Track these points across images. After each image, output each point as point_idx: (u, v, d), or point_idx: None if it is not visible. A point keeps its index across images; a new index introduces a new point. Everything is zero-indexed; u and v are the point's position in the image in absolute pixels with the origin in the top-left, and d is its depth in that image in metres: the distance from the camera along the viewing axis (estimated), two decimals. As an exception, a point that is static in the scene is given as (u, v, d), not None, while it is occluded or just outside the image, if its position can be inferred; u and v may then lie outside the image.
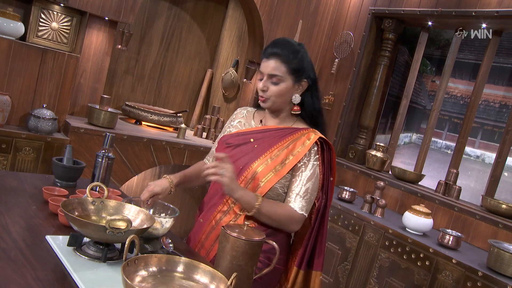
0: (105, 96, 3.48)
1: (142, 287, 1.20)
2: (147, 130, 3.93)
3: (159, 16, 4.41)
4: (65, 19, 3.37)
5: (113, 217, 1.35)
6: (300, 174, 1.75)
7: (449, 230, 3.02)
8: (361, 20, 4.26)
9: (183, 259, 1.33)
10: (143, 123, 4.12)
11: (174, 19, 4.52)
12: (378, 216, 3.35)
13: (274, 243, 1.53)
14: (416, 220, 3.08)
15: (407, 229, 3.14)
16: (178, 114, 4.28)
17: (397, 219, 3.36)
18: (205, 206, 1.88)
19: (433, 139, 4.22)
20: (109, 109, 3.47)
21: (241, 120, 1.96)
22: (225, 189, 1.65)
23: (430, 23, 3.92)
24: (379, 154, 3.92)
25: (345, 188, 3.62)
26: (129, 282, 1.13)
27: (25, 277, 1.26)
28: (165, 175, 1.93)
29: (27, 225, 1.61)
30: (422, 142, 3.95)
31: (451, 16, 3.65)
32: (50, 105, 3.24)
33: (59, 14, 3.34)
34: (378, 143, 3.96)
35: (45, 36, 3.33)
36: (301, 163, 1.75)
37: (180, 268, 1.30)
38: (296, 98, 1.80)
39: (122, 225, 1.39)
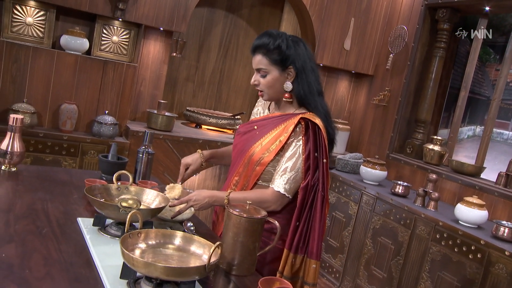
0: (162, 101, 3.73)
1: (143, 257, 1.34)
2: (205, 132, 4.14)
3: (216, 24, 4.63)
4: (124, 32, 3.67)
5: (122, 197, 1.51)
6: (283, 154, 1.83)
7: (504, 222, 2.88)
8: (414, 12, 4.17)
9: (180, 233, 1.45)
10: (203, 126, 4.33)
11: (230, 26, 4.71)
12: (431, 209, 3.26)
13: (275, 221, 1.60)
14: (468, 212, 2.97)
15: (460, 221, 3.04)
16: (236, 117, 4.46)
17: (451, 212, 3.24)
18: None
19: (499, 130, 4.03)
20: (166, 113, 3.71)
21: (259, 108, 2.09)
22: (200, 209, 1.83)
23: (487, 8, 3.75)
24: (436, 148, 3.81)
25: (399, 182, 3.56)
26: (125, 251, 1.27)
27: (49, 248, 1.45)
28: (198, 150, 2.15)
29: (64, 209, 1.82)
30: (483, 133, 3.78)
31: (510, -2, 3.47)
32: (112, 112, 3.54)
33: (119, 28, 3.65)
34: (435, 137, 3.85)
35: (107, 49, 3.65)
36: (286, 145, 1.83)
37: (177, 241, 1.43)
38: (288, 86, 1.86)
39: (134, 204, 1.54)
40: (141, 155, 2.36)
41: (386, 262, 3.40)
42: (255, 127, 1.96)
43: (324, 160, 1.79)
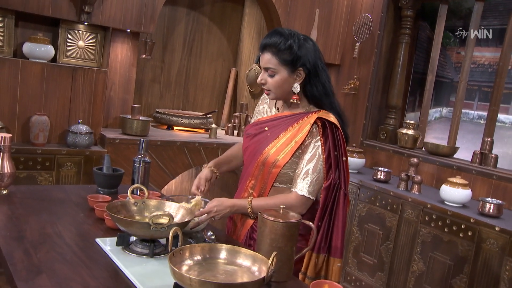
0: (135, 105, 3.61)
1: (190, 274, 1.28)
2: (179, 134, 4.04)
3: (178, 22, 4.52)
4: (90, 37, 3.50)
5: (155, 213, 1.44)
6: (302, 156, 1.80)
7: (489, 199, 3.00)
8: (377, 1, 4.24)
9: (224, 246, 1.40)
10: (174, 127, 4.23)
11: (193, 24, 4.61)
12: (415, 192, 3.35)
13: (310, 223, 1.58)
14: (453, 193, 3.07)
15: (445, 202, 3.14)
16: (208, 115, 4.38)
17: (434, 193, 3.35)
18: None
19: (464, 110, 4.17)
20: (140, 118, 3.59)
21: (265, 106, 2.03)
22: (220, 218, 1.78)
23: (448, -6, 3.88)
24: (410, 132, 3.91)
25: (379, 168, 3.63)
26: (177, 270, 1.21)
27: (82, 275, 1.36)
28: (205, 165, 2.09)
29: (77, 231, 1.72)
30: (453, 115, 3.92)
31: (469, -15, 3.60)
32: (85, 120, 3.39)
33: (84, 33, 3.48)
34: (408, 121, 3.95)
35: (74, 55, 3.47)
36: (304, 146, 1.80)
37: (223, 255, 1.38)
38: (296, 88, 1.81)
39: (164, 220, 1.47)
40: (137, 165, 2.27)
41: (375, 248, 3.47)
42: (266, 128, 1.91)
43: (344, 158, 1.78)
